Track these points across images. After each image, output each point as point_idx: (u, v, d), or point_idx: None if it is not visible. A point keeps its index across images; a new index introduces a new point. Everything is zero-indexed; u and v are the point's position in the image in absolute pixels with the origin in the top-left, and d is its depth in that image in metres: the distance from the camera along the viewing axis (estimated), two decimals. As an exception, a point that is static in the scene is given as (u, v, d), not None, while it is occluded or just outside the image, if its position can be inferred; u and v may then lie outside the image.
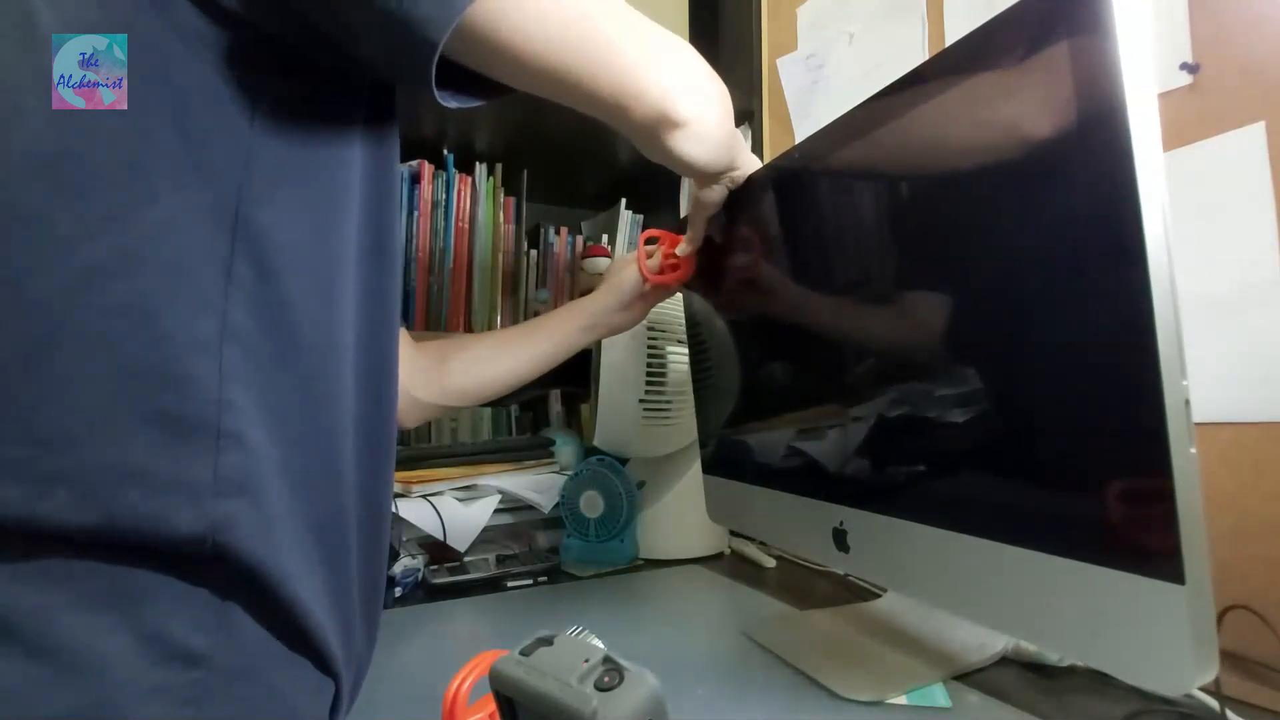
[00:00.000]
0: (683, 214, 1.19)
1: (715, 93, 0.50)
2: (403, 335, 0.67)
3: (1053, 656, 0.56)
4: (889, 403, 0.51)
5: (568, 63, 0.40)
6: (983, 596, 0.44)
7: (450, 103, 0.38)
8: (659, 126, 0.46)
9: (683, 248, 0.70)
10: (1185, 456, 0.32)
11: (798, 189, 0.60)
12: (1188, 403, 0.33)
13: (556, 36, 0.39)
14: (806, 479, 0.63)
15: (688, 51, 0.49)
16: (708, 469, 0.83)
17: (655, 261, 0.73)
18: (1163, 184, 0.33)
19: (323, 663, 0.37)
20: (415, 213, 1.13)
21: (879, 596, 0.74)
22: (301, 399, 0.37)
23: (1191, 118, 0.60)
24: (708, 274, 0.74)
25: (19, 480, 0.30)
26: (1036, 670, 0.56)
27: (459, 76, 0.39)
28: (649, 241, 0.75)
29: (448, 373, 0.69)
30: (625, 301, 0.73)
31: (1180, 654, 0.33)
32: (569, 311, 0.73)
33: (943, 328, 0.47)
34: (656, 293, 0.76)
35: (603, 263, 1.24)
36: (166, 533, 0.31)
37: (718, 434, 0.81)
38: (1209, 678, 0.33)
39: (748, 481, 0.73)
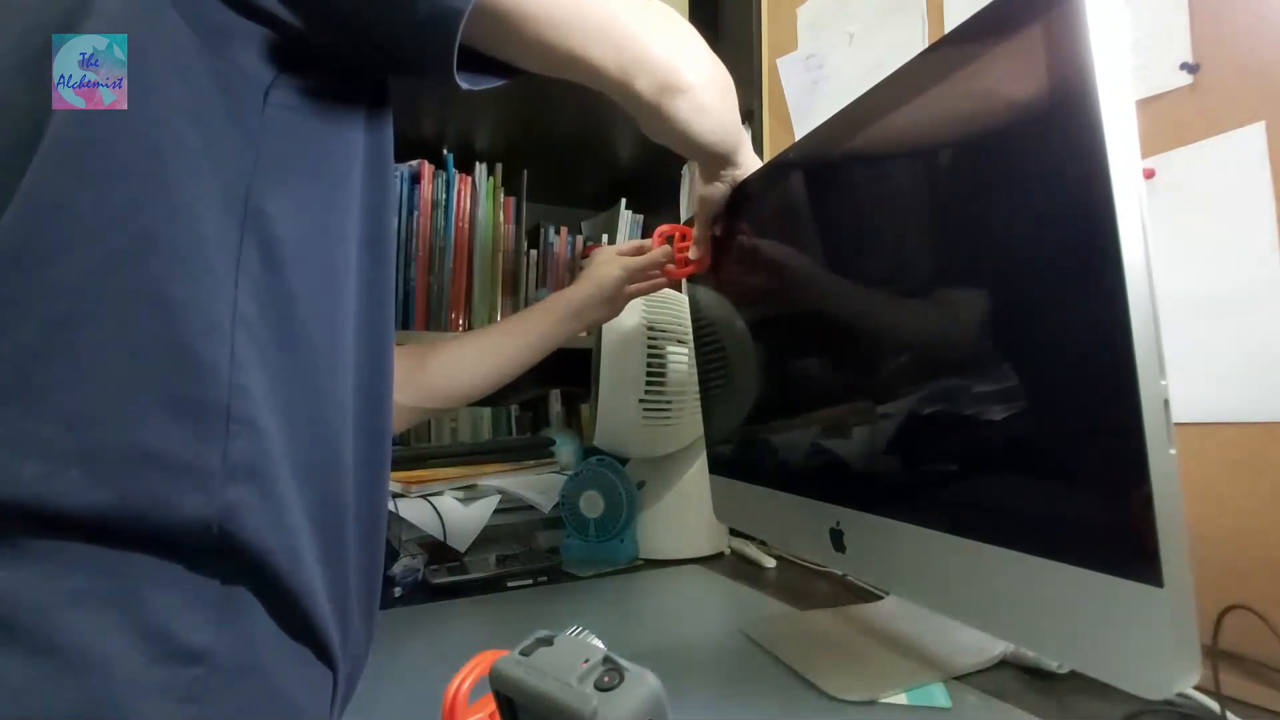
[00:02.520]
0: (682, 215, 1.20)
1: (718, 67, 0.52)
2: None
3: (1051, 662, 0.56)
4: (877, 406, 0.51)
5: (575, 36, 0.42)
6: (971, 598, 0.44)
7: (468, 84, 0.40)
8: (663, 94, 0.48)
9: (692, 251, 0.71)
10: (1164, 458, 0.32)
11: (783, 192, 0.61)
12: (1167, 403, 0.32)
13: (560, 13, 0.41)
14: (804, 479, 0.63)
15: (691, 30, 0.51)
16: (713, 469, 0.83)
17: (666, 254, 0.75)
18: (1139, 183, 0.33)
19: (324, 653, 0.37)
20: (415, 212, 1.12)
21: (880, 598, 0.74)
22: (305, 390, 0.37)
23: (1191, 118, 0.60)
24: (712, 274, 0.74)
25: (33, 458, 0.30)
26: (1036, 674, 0.56)
27: (467, 63, 0.40)
28: (666, 238, 0.76)
29: (428, 376, 0.68)
30: (608, 295, 0.74)
31: (1162, 657, 0.32)
32: (550, 304, 0.73)
33: (928, 331, 0.47)
34: (640, 286, 0.77)
35: (603, 263, 1.24)
36: (175, 516, 0.31)
37: (723, 434, 0.81)
38: (1192, 681, 0.32)
39: (750, 482, 0.73)
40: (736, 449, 0.78)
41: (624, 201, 1.31)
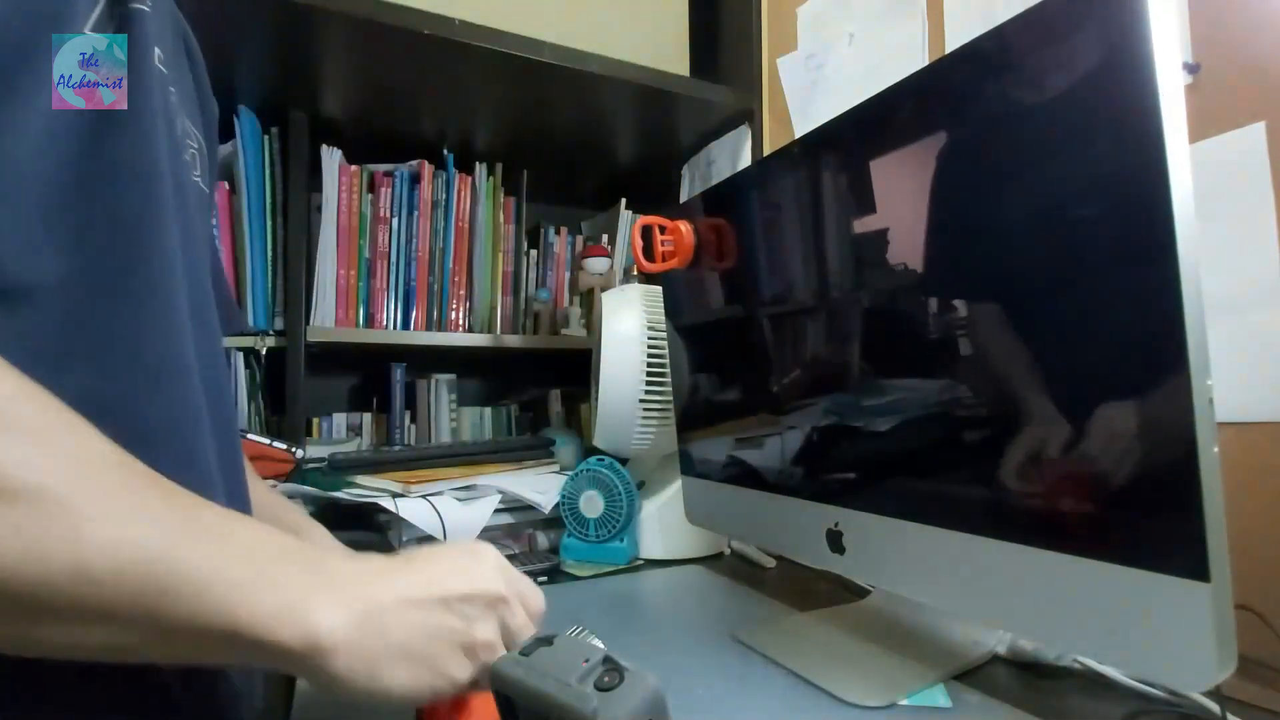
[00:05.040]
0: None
1: None
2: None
3: (1049, 654, 0.56)
4: (915, 400, 0.51)
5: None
6: (1002, 600, 0.44)
7: None
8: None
9: None
10: (1210, 455, 0.32)
11: (794, 180, 0.60)
12: (1211, 401, 0.32)
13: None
14: (804, 480, 0.63)
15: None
16: (685, 470, 0.83)
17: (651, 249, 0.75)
18: (1189, 181, 0.33)
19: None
20: (415, 212, 1.13)
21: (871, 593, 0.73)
22: None
23: (1191, 118, 0.59)
24: (690, 269, 0.74)
25: None
26: (1033, 669, 0.56)
27: None
28: (644, 229, 0.76)
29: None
30: None
31: (1204, 651, 0.33)
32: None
33: (971, 325, 0.46)
34: None
35: (603, 263, 1.24)
36: None
37: (697, 435, 0.81)
38: (1228, 674, 0.33)
39: (730, 483, 0.73)
40: (719, 449, 0.78)
41: (624, 201, 1.31)
